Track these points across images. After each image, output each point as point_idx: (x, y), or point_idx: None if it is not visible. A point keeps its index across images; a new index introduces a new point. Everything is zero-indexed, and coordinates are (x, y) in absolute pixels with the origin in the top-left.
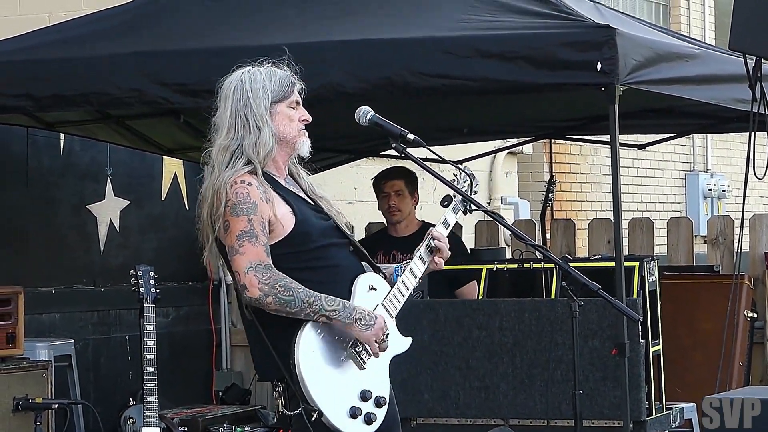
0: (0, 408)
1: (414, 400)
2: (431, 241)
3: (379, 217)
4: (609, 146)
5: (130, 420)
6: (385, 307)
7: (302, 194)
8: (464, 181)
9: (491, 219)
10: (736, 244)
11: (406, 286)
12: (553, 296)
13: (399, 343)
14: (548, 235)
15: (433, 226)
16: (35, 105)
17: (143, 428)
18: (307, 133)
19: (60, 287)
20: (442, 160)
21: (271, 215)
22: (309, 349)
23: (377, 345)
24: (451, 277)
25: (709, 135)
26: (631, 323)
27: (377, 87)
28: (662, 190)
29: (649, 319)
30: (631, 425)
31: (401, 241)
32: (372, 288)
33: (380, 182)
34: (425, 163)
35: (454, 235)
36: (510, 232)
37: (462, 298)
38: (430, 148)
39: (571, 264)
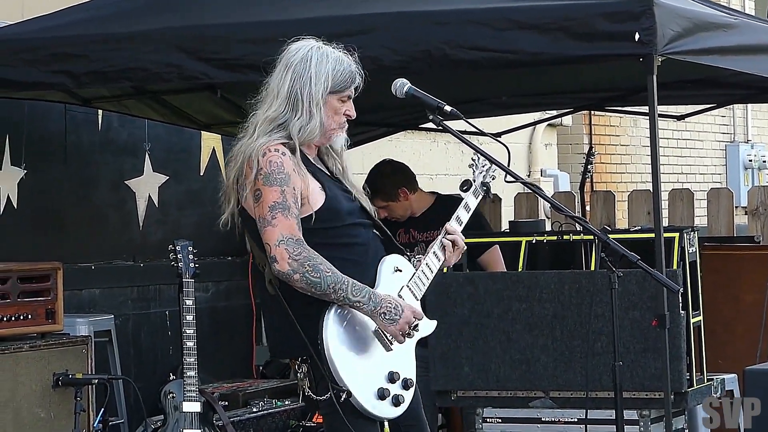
0: (40, 384)
1: (454, 373)
2: (444, 237)
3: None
4: (648, 117)
5: (171, 395)
6: (410, 289)
7: (328, 173)
8: (483, 166)
9: (531, 191)
10: None
11: (430, 268)
12: (592, 268)
13: (425, 326)
14: (588, 207)
15: (448, 197)
16: (74, 82)
17: (183, 403)
18: (346, 127)
19: (99, 263)
20: (480, 133)
21: (302, 188)
22: (337, 329)
23: (403, 338)
24: (470, 248)
25: (749, 105)
26: (672, 294)
27: (415, 60)
28: (702, 161)
29: (690, 290)
30: (672, 396)
31: (417, 220)
32: (397, 269)
33: (373, 201)
34: (464, 135)
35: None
36: (549, 204)
37: (487, 265)
38: (468, 120)
39: (611, 235)
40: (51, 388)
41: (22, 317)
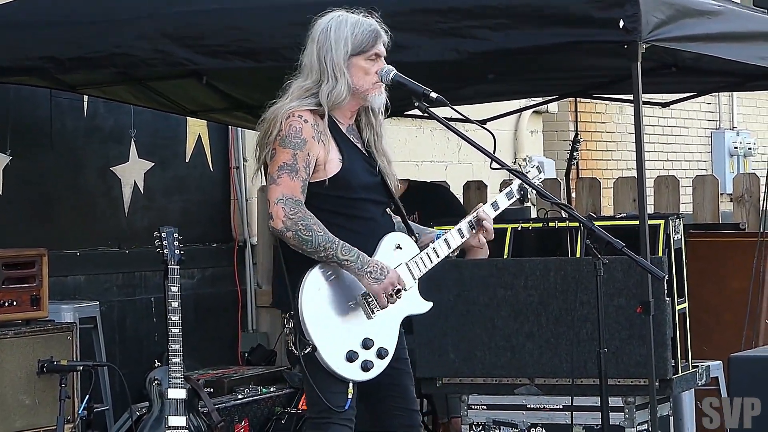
0: (25, 370)
1: (440, 360)
2: (474, 218)
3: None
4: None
5: (156, 382)
6: (409, 268)
7: (359, 145)
8: (527, 172)
9: (516, 178)
10: (762, 202)
11: (437, 253)
12: (578, 255)
13: (417, 305)
14: (573, 194)
15: (421, 183)
16: (58, 67)
17: (169, 390)
18: (382, 87)
19: (85, 249)
20: (466, 120)
21: (320, 155)
22: (315, 287)
23: (385, 298)
24: None
25: (734, 93)
26: (657, 281)
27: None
28: (688, 148)
29: (675, 277)
30: (657, 383)
31: None
32: (398, 247)
33: None
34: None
35: (431, 193)
36: (535, 191)
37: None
38: (454, 107)
39: (596, 222)
40: (36, 375)
41: (6, 304)
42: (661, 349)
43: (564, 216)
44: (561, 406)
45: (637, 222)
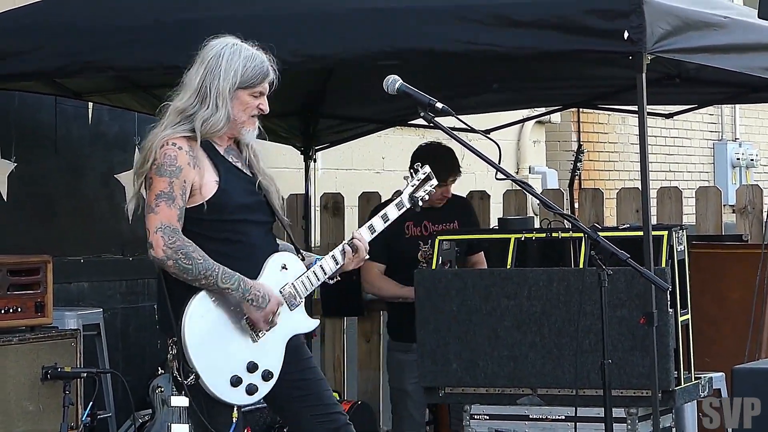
0: (29, 377)
1: (442, 369)
2: (348, 243)
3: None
4: (637, 115)
5: (159, 389)
6: (295, 287)
7: (239, 165)
8: (418, 180)
9: (519, 188)
10: (764, 214)
11: (316, 275)
12: (581, 265)
13: (303, 324)
14: (576, 205)
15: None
16: (57, 71)
17: (171, 397)
18: (257, 123)
19: (89, 256)
20: (471, 129)
21: (195, 180)
22: (198, 315)
23: (264, 325)
24: (469, 244)
25: (737, 104)
26: (660, 292)
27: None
28: (691, 159)
29: (678, 288)
30: (660, 394)
31: (432, 212)
32: (284, 267)
33: (446, 177)
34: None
35: (468, 205)
36: (538, 202)
37: (473, 265)
38: (459, 117)
39: (600, 233)
40: (40, 382)
41: (11, 310)
42: (663, 360)
43: (567, 226)
44: (563, 417)
45: (640, 233)
